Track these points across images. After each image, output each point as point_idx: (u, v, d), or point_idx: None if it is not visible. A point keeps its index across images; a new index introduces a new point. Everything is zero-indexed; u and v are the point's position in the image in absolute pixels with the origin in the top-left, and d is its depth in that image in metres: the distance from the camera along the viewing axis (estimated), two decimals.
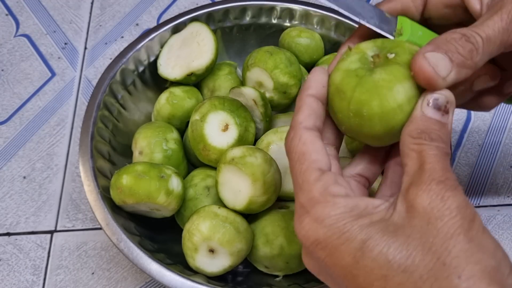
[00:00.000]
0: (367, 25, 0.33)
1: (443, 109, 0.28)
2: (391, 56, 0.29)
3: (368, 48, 0.31)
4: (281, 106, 0.51)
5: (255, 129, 0.47)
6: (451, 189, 0.25)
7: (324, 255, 0.27)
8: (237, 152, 0.42)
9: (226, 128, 0.45)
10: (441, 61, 0.28)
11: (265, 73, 0.49)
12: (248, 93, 0.48)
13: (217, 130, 0.45)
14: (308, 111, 0.30)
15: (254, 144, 0.48)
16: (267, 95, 0.50)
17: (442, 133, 0.28)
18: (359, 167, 0.33)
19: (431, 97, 0.28)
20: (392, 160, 0.32)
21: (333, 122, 0.32)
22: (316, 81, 0.31)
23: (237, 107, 0.46)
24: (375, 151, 0.33)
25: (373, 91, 0.28)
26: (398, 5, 0.34)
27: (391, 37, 0.33)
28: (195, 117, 0.46)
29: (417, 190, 0.26)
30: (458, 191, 0.25)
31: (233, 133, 0.45)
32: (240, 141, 0.45)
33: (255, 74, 0.50)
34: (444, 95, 0.28)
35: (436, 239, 0.24)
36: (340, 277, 0.26)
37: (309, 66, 0.54)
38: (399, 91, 0.28)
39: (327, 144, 0.32)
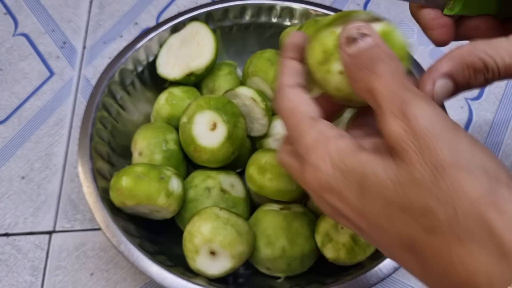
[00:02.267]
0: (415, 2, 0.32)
1: (360, 36, 0.27)
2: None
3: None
4: None
5: (245, 123, 0.47)
6: (414, 110, 0.24)
7: (333, 198, 0.27)
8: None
9: (214, 127, 0.45)
10: None
11: (266, 84, 0.49)
12: (244, 93, 0.48)
13: (206, 130, 0.45)
14: (289, 71, 0.31)
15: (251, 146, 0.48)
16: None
17: (374, 53, 0.27)
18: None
19: (342, 39, 0.28)
20: None
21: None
22: (295, 44, 0.32)
23: (223, 104, 0.46)
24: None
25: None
26: None
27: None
28: (183, 119, 0.46)
29: (385, 128, 0.25)
30: (423, 109, 0.24)
31: (222, 131, 0.45)
32: (230, 138, 0.45)
33: (256, 82, 0.50)
34: (352, 27, 0.28)
35: (422, 174, 0.23)
36: (351, 215, 0.27)
37: None
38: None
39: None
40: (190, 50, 0.51)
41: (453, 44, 0.31)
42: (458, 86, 0.29)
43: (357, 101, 0.30)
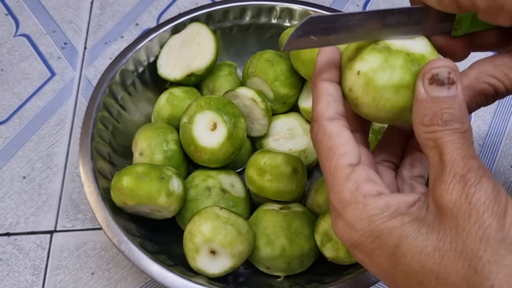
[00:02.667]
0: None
1: (448, 82, 0.25)
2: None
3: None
4: (280, 112, 0.52)
5: (245, 124, 0.47)
6: (475, 182, 0.23)
7: (363, 257, 0.27)
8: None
9: (214, 127, 0.45)
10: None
11: (266, 84, 0.49)
12: (244, 94, 0.48)
13: (206, 130, 0.45)
14: (327, 98, 0.29)
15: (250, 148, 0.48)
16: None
17: (454, 109, 0.25)
18: (383, 153, 0.32)
19: (429, 74, 0.26)
20: (410, 144, 0.32)
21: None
22: (328, 62, 0.30)
23: (223, 105, 0.46)
24: (396, 135, 0.33)
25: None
26: None
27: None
28: (184, 120, 0.47)
29: (441, 189, 0.24)
30: (483, 182, 0.23)
31: (222, 132, 0.45)
32: (230, 138, 0.45)
33: (256, 82, 0.50)
34: (443, 65, 0.26)
35: (466, 243, 0.23)
36: (381, 277, 0.26)
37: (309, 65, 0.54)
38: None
39: (353, 132, 0.30)
40: (191, 50, 0.51)
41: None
42: (470, 110, 0.29)
43: (370, 110, 0.29)
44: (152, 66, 0.53)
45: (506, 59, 0.28)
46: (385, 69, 0.28)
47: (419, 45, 0.29)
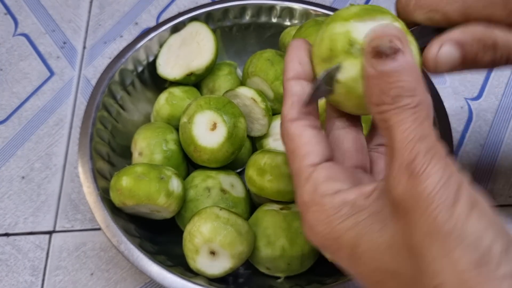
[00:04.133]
0: None
1: (391, 51, 0.23)
2: None
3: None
4: (280, 111, 0.51)
5: (245, 124, 0.47)
6: (421, 170, 0.21)
7: (333, 258, 0.26)
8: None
9: (214, 127, 0.45)
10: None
11: (266, 84, 0.49)
12: (245, 93, 0.48)
13: (206, 130, 0.45)
14: (291, 99, 0.28)
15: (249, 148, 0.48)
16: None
17: (402, 81, 0.23)
18: (376, 136, 0.32)
19: (369, 47, 0.24)
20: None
21: None
22: (293, 60, 0.29)
23: (223, 104, 0.46)
24: None
25: None
26: None
27: None
28: (183, 119, 0.46)
29: (390, 180, 0.23)
30: (430, 169, 0.21)
31: (222, 131, 0.45)
32: (230, 138, 0.45)
33: (256, 82, 0.50)
34: (384, 34, 0.24)
35: (414, 240, 0.21)
36: (354, 277, 0.26)
37: None
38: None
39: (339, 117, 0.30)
40: (190, 50, 0.51)
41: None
42: (465, 59, 0.28)
43: (354, 112, 0.29)
44: (152, 66, 0.53)
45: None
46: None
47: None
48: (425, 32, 0.29)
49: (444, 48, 0.27)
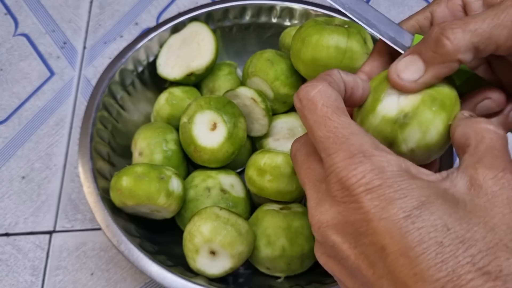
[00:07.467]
0: (381, 38, 0.33)
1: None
2: None
3: None
4: (280, 111, 0.52)
5: (245, 124, 0.47)
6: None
7: (373, 206, 0.24)
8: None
9: (214, 127, 0.45)
10: (411, 64, 0.28)
11: (266, 84, 0.49)
12: (245, 93, 0.48)
13: (206, 130, 0.45)
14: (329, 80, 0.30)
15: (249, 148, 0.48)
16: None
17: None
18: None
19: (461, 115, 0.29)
20: None
21: None
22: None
23: (223, 104, 0.46)
24: None
25: None
26: (414, 23, 0.34)
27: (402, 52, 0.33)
28: (183, 119, 0.46)
29: (489, 173, 0.25)
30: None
31: (222, 131, 0.45)
32: (230, 138, 0.45)
33: (256, 82, 0.50)
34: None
35: (500, 223, 0.23)
36: (381, 234, 0.24)
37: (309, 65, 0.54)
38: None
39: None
40: (190, 50, 0.51)
41: None
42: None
43: None
44: (152, 66, 0.53)
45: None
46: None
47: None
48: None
49: None
